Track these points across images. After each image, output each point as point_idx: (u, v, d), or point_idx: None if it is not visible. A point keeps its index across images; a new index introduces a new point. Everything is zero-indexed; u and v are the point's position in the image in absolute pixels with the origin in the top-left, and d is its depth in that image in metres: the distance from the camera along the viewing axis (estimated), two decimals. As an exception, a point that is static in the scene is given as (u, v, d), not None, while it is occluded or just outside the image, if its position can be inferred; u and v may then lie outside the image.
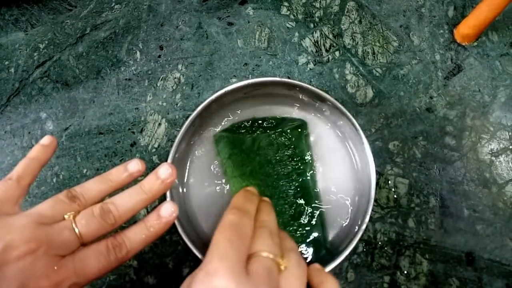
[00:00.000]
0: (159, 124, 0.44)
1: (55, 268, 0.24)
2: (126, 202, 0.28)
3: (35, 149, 0.30)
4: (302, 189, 0.38)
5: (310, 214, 0.37)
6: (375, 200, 0.41)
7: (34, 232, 0.24)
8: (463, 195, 0.41)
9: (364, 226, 0.34)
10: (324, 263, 0.33)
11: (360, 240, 0.40)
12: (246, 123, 0.40)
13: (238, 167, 0.38)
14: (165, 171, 0.29)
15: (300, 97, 0.40)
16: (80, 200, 0.28)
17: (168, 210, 0.29)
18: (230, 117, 0.41)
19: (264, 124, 0.40)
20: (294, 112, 0.41)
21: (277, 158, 0.39)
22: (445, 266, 0.40)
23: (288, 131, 0.39)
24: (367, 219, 0.34)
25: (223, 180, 0.40)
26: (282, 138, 0.39)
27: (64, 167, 0.43)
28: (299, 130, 0.39)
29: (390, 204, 0.41)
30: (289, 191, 0.38)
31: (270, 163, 0.39)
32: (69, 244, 0.25)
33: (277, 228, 0.29)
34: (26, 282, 0.23)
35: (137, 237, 0.28)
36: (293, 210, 0.37)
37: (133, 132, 0.44)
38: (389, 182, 0.42)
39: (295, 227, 0.37)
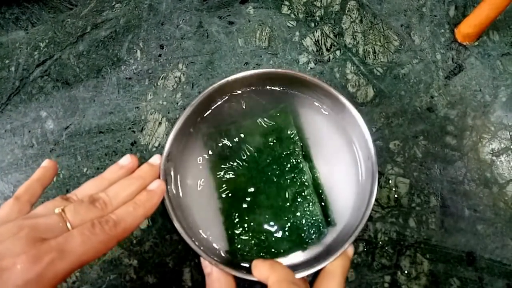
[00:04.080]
0: (160, 123, 0.44)
1: (36, 245, 0.23)
2: (114, 187, 0.29)
3: (37, 171, 0.31)
4: (296, 170, 0.37)
5: (306, 195, 0.37)
6: (376, 200, 0.41)
7: (21, 222, 0.24)
8: (464, 195, 0.41)
9: (360, 227, 0.34)
10: (320, 261, 0.33)
11: (361, 239, 0.40)
12: (234, 113, 0.40)
13: (221, 161, 0.38)
14: (152, 157, 0.33)
15: (306, 92, 0.40)
16: (72, 199, 0.28)
17: (154, 184, 0.31)
18: (221, 113, 0.41)
19: (253, 110, 0.40)
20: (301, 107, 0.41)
21: (265, 143, 0.38)
22: (446, 266, 0.40)
23: (274, 114, 0.39)
24: (364, 220, 0.34)
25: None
26: (267, 123, 0.39)
27: (64, 166, 0.43)
28: (284, 112, 0.39)
29: (390, 204, 0.41)
30: (282, 175, 0.37)
31: (259, 149, 0.38)
32: (56, 229, 0.25)
33: None
34: (2, 259, 0.22)
35: (124, 210, 0.28)
36: (288, 194, 0.37)
37: (134, 131, 0.44)
38: (390, 181, 0.42)
39: (291, 210, 0.36)
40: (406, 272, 0.39)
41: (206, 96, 0.37)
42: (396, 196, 0.41)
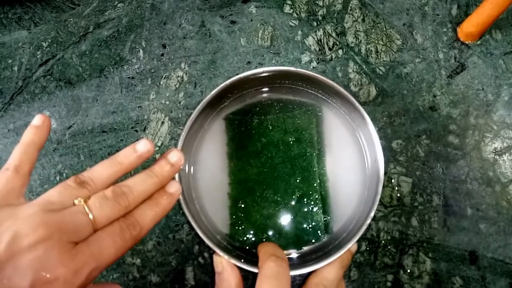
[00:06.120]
0: (162, 122, 0.44)
1: (71, 255, 0.23)
2: (138, 184, 0.28)
3: (29, 132, 0.29)
4: (307, 173, 0.38)
5: (312, 199, 0.37)
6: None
7: (43, 218, 0.23)
8: (466, 194, 0.41)
9: (368, 222, 0.33)
10: (324, 257, 0.33)
11: (364, 238, 0.40)
12: (260, 105, 0.40)
13: (239, 149, 0.39)
14: (174, 155, 0.31)
15: (312, 87, 0.40)
16: (89, 185, 0.27)
17: (174, 188, 0.30)
18: (246, 101, 0.41)
19: (278, 106, 0.40)
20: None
21: (284, 141, 0.39)
22: (448, 265, 0.40)
23: (298, 114, 0.39)
24: (370, 216, 0.34)
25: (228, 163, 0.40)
26: (291, 121, 0.39)
27: (67, 165, 0.43)
28: (310, 114, 0.39)
29: (393, 203, 0.41)
30: (293, 174, 0.38)
31: (276, 145, 0.39)
32: (83, 229, 0.24)
33: None
34: (41, 272, 0.22)
35: (147, 213, 0.28)
36: (295, 194, 0.37)
37: (136, 131, 0.44)
38: (393, 180, 0.42)
39: (295, 210, 0.37)
40: (408, 271, 0.39)
41: (236, 81, 0.37)
42: (398, 195, 0.41)
